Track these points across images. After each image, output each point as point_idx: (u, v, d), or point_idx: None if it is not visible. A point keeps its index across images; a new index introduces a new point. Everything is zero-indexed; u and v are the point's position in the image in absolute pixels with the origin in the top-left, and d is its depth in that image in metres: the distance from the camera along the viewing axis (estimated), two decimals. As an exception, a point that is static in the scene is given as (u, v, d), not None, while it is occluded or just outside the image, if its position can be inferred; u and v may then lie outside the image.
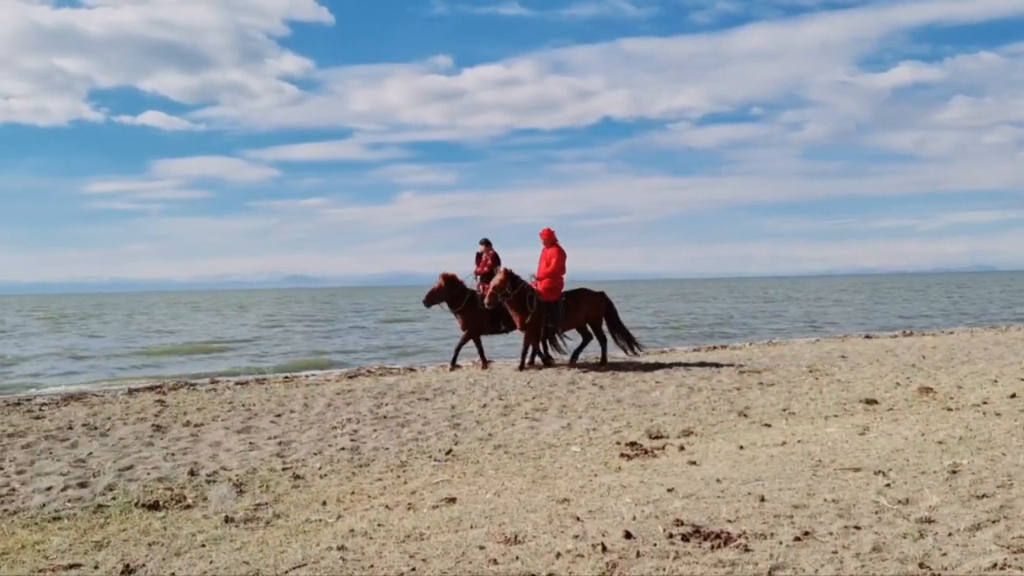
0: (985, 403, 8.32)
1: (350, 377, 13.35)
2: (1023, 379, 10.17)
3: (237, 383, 13.18)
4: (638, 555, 3.77)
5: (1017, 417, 7.27)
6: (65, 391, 13.22)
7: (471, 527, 4.48)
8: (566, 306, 12.94)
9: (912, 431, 6.84)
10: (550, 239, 13.03)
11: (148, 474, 6.43)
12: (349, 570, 3.85)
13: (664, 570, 3.59)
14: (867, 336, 20.34)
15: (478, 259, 13.98)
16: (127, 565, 4.16)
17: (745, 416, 8.44)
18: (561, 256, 12.89)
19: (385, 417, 8.86)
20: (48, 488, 6.03)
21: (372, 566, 3.88)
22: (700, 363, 13.40)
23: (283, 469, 6.56)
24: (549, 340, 13.51)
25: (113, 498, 5.75)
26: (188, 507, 5.49)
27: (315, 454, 7.11)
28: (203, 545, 4.53)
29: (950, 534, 3.90)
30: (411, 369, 13.80)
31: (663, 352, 17.35)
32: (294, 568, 3.93)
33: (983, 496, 4.54)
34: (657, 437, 7.44)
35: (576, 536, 4.13)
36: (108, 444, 7.66)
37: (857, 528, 4.04)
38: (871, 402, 8.94)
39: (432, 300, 13.24)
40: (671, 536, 4.01)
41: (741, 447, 6.60)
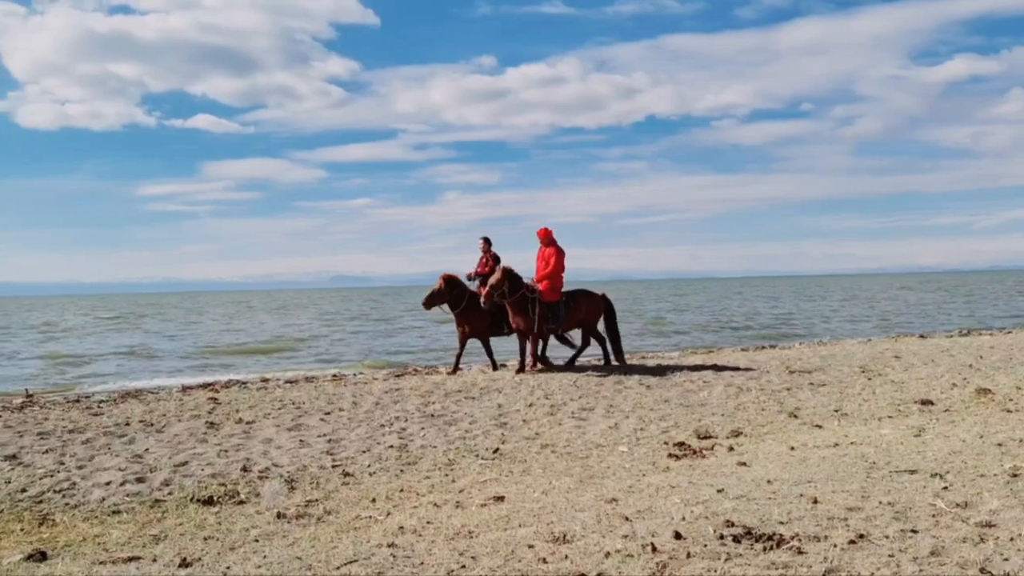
0: (1047, 405, 8.08)
1: (397, 376, 13.47)
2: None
3: (287, 381, 13.41)
4: (688, 556, 3.73)
5: (1081, 419, 7.04)
6: (123, 388, 13.58)
7: (520, 525, 4.49)
8: (565, 306, 12.62)
9: (970, 433, 6.67)
10: (548, 238, 12.67)
11: (202, 470, 6.57)
12: (400, 567, 3.88)
13: (715, 571, 3.55)
14: (921, 336, 19.88)
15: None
16: (184, 558, 4.25)
17: (795, 417, 8.32)
18: (560, 255, 12.54)
19: (432, 415, 8.93)
20: (107, 483, 6.20)
21: (422, 563, 3.91)
22: (748, 363, 13.22)
23: (333, 466, 6.65)
24: (557, 340, 13.23)
25: (169, 493, 5.90)
26: (241, 503, 5.60)
27: (364, 452, 7.20)
28: (256, 540, 4.62)
29: (1012, 539, 3.78)
30: (457, 368, 13.80)
31: (710, 352, 17.16)
32: (346, 564, 3.97)
33: (1046, 500, 4.40)
34: (706, 437, 7.37)
35: (625, 536, 4.11)
36: (164, 440, 7.85)
37: (914, 532, 3.94)
38: (926, 403, 8.73)
39: (432, 302, 12.83)
40: (722, 537, 3.97)
41: (792, 448, 6.50)
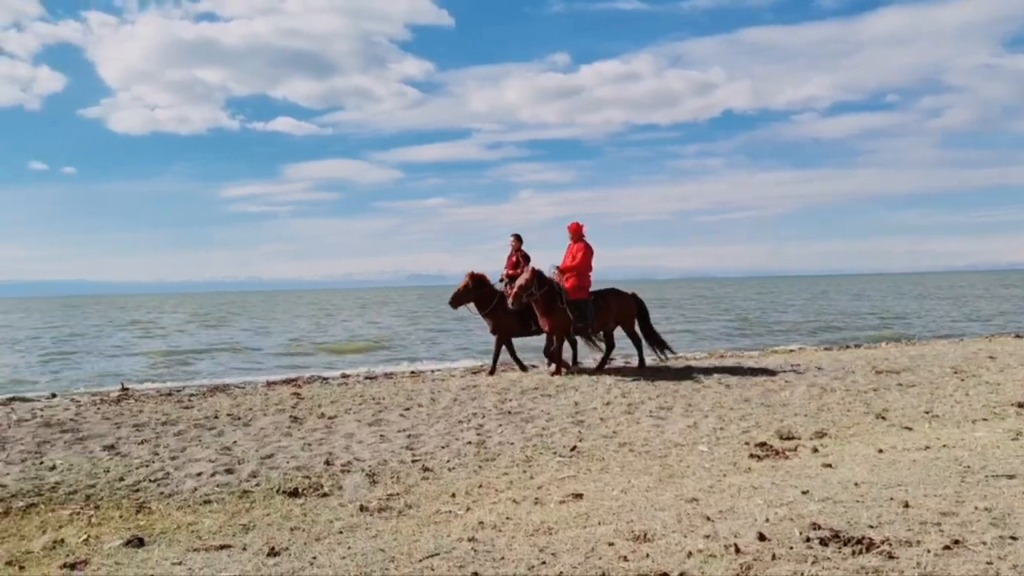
0: None
1: (473, 373, 13.58)
2: None
3: (366, 377, 13.68)
4: (773, 558, 3.66)
5: None
6: (211, 383, 14.08)
7: (599, 523, 4.47)
8: (595, 306, 12.19)
9: (1073, 437, 6.34)
10: (577, 234, 12.26)
11: (287, 463, 6.76)
12: (480, 561, 3.92)
13: (802, 574, 3.46)
14: (1017, 335, 18.97)
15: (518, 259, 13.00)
16: (272, 548, 4.39)
17: (883, 418, 8.05)
18: (588, 252, 12.14)
19: (509, 412, 8.97)
20: (199, 473, 6.45)
21: (503, 558, 3.94)
22: (832, 363, 12.87)
23: (413, 461, 6.75)
24: (584, 340, 12.94)
25: (257, 484, 6.08)
26: (325, 495, 5.74)
27: (443, 447, 7.28)
28: (341, 532, 4.72)
29: (1122, 549, 3.59)
30: (533, 366, 13.84)
31: (791, 351, 16.77)
32: (428, 557, 4.03)
33: None
34: (788, 438, 7.20)
35: (707, 536, 4.05)
36: (250, 433, 8.10)
37: (1013, 538, 3.77)
38: (1024, 406, 8.34)
39: (459, 301, 12.49)
40: (808, 540, 3.87)
41: (880, 450, 6.29)
